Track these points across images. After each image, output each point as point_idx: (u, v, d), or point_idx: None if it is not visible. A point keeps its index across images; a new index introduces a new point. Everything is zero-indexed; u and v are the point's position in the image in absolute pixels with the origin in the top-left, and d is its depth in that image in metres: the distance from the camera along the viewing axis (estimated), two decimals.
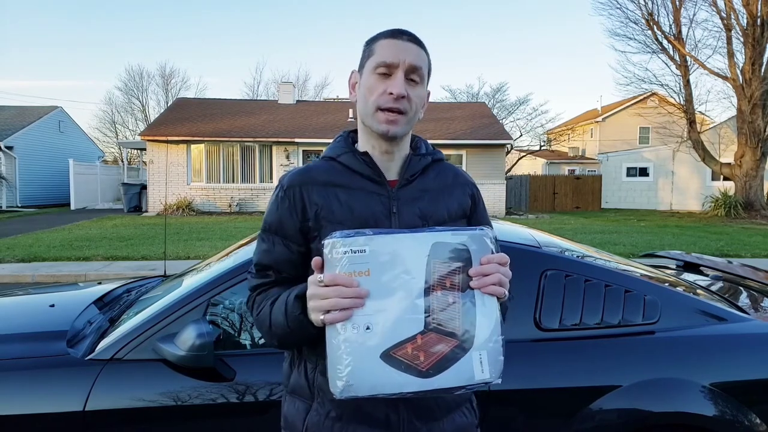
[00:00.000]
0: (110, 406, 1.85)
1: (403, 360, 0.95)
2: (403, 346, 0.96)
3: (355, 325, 0.96)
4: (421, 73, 1.16)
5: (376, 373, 0.95)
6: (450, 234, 1.01)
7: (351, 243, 0.97)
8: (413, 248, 0.98)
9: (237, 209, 18.15)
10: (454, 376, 0.96)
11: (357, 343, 0.95)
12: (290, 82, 27.50)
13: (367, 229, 1.01)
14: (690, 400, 1.94)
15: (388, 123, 1.14)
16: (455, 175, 1.29)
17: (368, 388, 0.95)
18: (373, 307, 0.96)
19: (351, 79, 1.24)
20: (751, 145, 17.79)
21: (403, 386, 0.95)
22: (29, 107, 24.50)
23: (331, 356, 0.97)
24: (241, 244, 2.65)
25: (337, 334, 0.96)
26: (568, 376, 1.97)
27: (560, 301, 2.05)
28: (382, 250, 0.97)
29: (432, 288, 0.97)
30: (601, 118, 34.51)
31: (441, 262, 0.98)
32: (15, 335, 2.19)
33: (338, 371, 0.95)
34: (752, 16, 17.17)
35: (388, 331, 0.96)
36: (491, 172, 18.80)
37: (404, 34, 1.16)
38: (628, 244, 10.49)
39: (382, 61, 1.13)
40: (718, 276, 3.02)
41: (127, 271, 7.49)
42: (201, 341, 1.78)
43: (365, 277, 0.96)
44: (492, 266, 1.00)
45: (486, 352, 0.98)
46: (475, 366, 0.97)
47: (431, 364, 0.96)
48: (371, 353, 0.95)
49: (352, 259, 0.96)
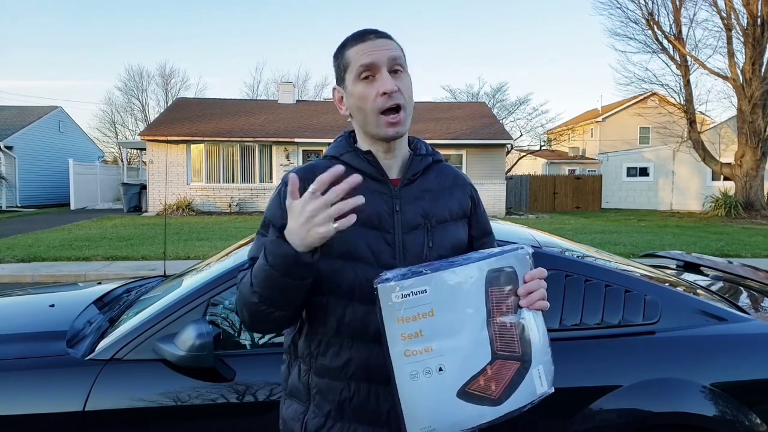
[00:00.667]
0: (110, 406, 1.85)
1: (478, 393, 0.95)
2: (476, 380, 0.95)
3: (427, 369, 0.94)
4: (401, 61, 1.17)
5: (456, 413, 0.94)
6: (498, 259, 1.00)
7: (410, 285, 0.94)
8: (472, 280, 0.97)
9: (237, 209, 18.15)
10: (520, 397, 0.97)
11: (433, 386, 0.94)
12: (290, 82, 27.48)
13: (422, 266, 0.98)
14: (690, 401, 1.94)
15: (393, 126, 1.15)
16: (455, 176, 1.31)
17: (449, 427, 0.94)
18: (443, 347, 0.94)
19: (335, 96, 1.25)
20: (751, 145, 17.79)
21: (480, 418, 0.95)
22: (29, 107, 24.49)
23: (407, 403, 0.94)
24: (241, 244, 2.65)
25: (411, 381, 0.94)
26: (569, 376, 1.96)
27: (560, 301, 2.05)
28: (443, 289, 0.95)
29: (492, 316, 0.97)
30: (602, 118, 34.51)
31: (497, 290, 0.98)
32: (15, 335, 2.19)
33: (418, 419, 0.94)
34: (752, 16, 17.17)
35: (460, 369, 0.95)
36: (491, 172, 18.80)
37: (369, 33, 1.16)
38: (628, 244, 10.48)
39: (361, 64, 1.13)
40: (719, 276, 3.02)
41: (127, 271, 7.49)
42: (201, 341, 1.78)
43: (430, 318, 0.93)
44: (536, 282, 1.02)
45: (542, 366, 1.00)
46: (536, 381, 0.99)
47: (502, 391, 0.96)
48: (448, 393, 0.94)
49: (413, 301, 0.93)
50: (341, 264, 1.12)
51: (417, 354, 0.93)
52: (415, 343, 0.93)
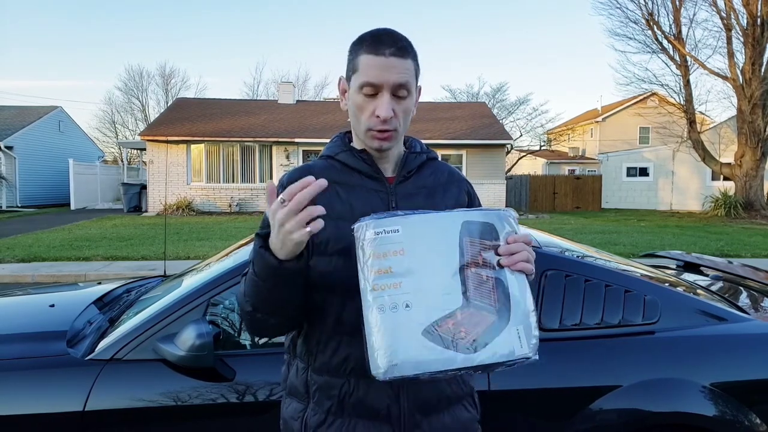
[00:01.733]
0: (110, 406, 1.85)
1: (446, 336, 0.95)
2: (444, 322, 0.95)
3: (394, 305, 0.95)
4: (408, 86, 1.14)
5: (420, 351, 0.93)
6: (477, 213, 1.02)
7: (384, 224, 0.97)
8: (446, 227, 0.99)
9: (237, 209, 18.15)
10: (496, 351, 0.96)
11: (398, 321, 0.94)
12: (290, 82, 27.47)
13: (399, 211, 1.01)
14: (690, 400, 1.94)
15: (380, 140, 1.15)
16: (450, 173, 1.31)
17: (413, 366, 0.93)
18: (411, 285, 0.95)
19: (340, 86, 1.24)
20: (751, 145, 17.79)
21: (448, 363, 0.94)
22: (29, 107, 24.49)
23: (371, 338, 0.95)
24: (241, 244, 2.65)
25: (377, 315, 0.95)
26: (568, 376, 1.97)
27: (560, 301, 2.05)
28: (415, 229, 0.98)
29: (466, 265, 0.98)
30: (601, 118, 34.51)
31: (472, 241, 1.00)
32: (15, 335, 2.19)
33: (380, 351, 0.94)
34: (752, 16, 17.17)
35: (427, 308, 0.95)
36: (491, 172, 18.80)
37: (387, 47, 1.11)
38: (628, 244, 10.49)
39: (366, 81, 1.12)
40: (718, 276, 3.02)
41: (127, 271, 7.49)
42: (201, 341, 1.78)
43: (400, 257, 0.96)
44: (519, 245, 1.02)
45: (523, 326, 0.98)
46: (514, 340, 0.97)
47: (473, 339, 0.95)
48: (413, 330, 0.94)
49: (385, 239, 0.96)
50: (337, 261, 1.13)
51: (385, 289, 0.95)
52: (385, 278, 0.95)
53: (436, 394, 1.18)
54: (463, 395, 1.25)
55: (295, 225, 0.93)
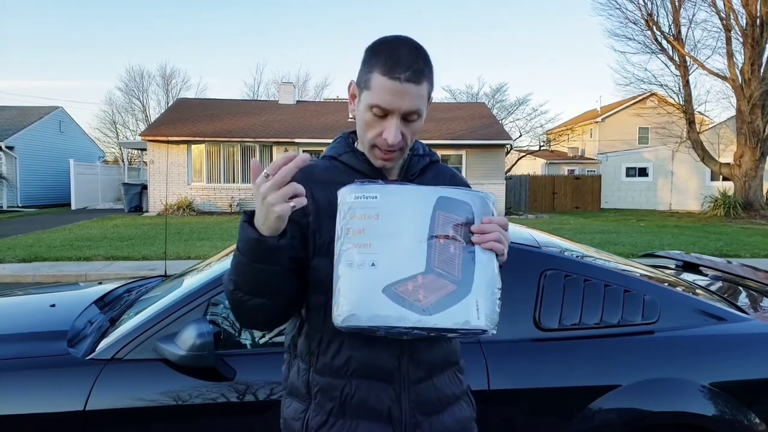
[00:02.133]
0: (111, 405, 1.86)
1: (404, 296, 1.00)
2: (404, 283, 1.00)
3: (361, 262, 1.00)
4: (419, 111, 1.12)
5: (377, 305, 0.99)
6: (455, 191, 1.08)
7: (364, 190, 1.04)
8: (421, 199, 1.05)
9: (237, 209, 18.15)
10: (450, 317, 1.00)
11: (362, 276, 1.00)
12: (290, 82, 27.49)
13: (381, 180, 1.06)
14: (690, 400, 1.95)
15: (384, 160, 1.17)
16: (452, 177, 1.33)
17: (368, 318, 0.98)
18: (379, 247, 1.01)
19: (350, 90, 1.21)
20: (750, 145, 17.79)
21: (401, 320, 0.99)
22: (30, 107, 24.49)
23: (336, 289, 1.01)
24: None
25: (344, 268, 1.01)
26: (568, 375, 1.97)
27: (560, 300, 2.06)
28: (391, 198, 1.04)
29: (435, 236, 1.04)
30: (601, 119, 34.51)
31: (445, 215, 1.05)
32: (16, 335, 2.20)
33: (342, 300, 1.00)
34: (751, 17, 17.18)
35: (391, 269, 1.01)
36: (491, 172, 18.80)
37: (403, 71, 1.07)
38: (627, 244, 10.49)
39: (377, 104, 1.09)
40: (718, 276, 3.02)
41: (128, 271, 7.50)
42: (201, 341, 1.79)
43: (374, 221, 1.02)
44: (493, 225, 1.05)
45: (483, 300, 1.02)
46: (471, 311, 1.01)
47: (430, 302, 1.00)
48: (374, 286, 0.99)
49: (363, 203, 1.03)
50: None
51: (356, 247, 1.01)
52: (357, 238, 1.02)
53: (436, 395, 1.19)
54: (461, 394, 1.26)
55: (278, 197, 0.95)
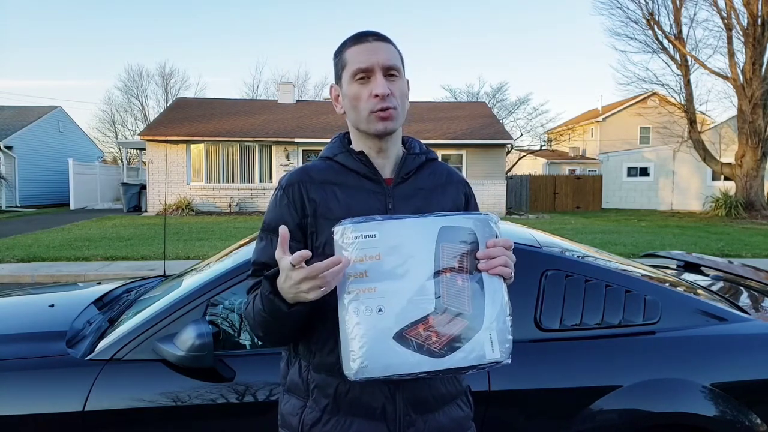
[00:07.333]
0: (110, 406, 1.85)
1: (416, 340, 0.97)
2: (415, 327, 0.97)
3: (367, 309, 0.97)
4: (397, 66, 1.19)
5: (390, 354, 0.96)
6: (456, 218, 1.03)
7: (361, 228, 0.99)
8: (422, 232, 1.01)
9: (237, 209, 18.15)
10: (466, 356, 0.98)
11: (370, 325, 0.96)
12: (290, 81, 27.44)
13: (377, 215, 1.03)
14: (691, 401, 1.94)
15: (383, 120, 1.17)
16: (449, 174, 1.32)
17: (382, 369, 0.96)
18: (385, 290, 0.98)
19: (332, 93, 1.28)
20: (751, 144, 17.78)
21: (416, 366, 0.96)
22: (29, 107, 24.49)
23: (345, 339, 0.98)
24: (240, 244, 2.65)
25: (351, 318, 0.98)
26: (569, 376, 1.96)
27: (561, 301, 2.05)
28: (391, 235, 1.00)
29: (441, 271, 1.00)
30: (602, 118, 34.50)
31: (449, 246, 1.01)
32: (15, 335, 2.19)
33: (352, 353, 0.97)
34: (753, 16, 17.16)
35: (400, 313, 0.97)
36: (491, 172, 18.80)
37: (369, 35, 1.19)
38: (628, 244, 10.48)
39: (357, 68, 1.17)
40: (719, 276, 3.01)
41: (127, 271, 7.49)
42: (200, 341, 1.78)
43: (376, 261, 0.98)
44: (498, 249, 1.03)
45: (495, 332, 0.99)
46: (486, 345, 0.98)
47: (443, 343, 0.97)
48: (384, 334, 0.96)
49: (362, 244, 0.99)
50: None
51: (360, 292, 0.98)
52: (360, 282, 0.98)
53: (431, 393, 1.19)
54: (458, 394, 1.26)
55: (311, 287, 0.98)
